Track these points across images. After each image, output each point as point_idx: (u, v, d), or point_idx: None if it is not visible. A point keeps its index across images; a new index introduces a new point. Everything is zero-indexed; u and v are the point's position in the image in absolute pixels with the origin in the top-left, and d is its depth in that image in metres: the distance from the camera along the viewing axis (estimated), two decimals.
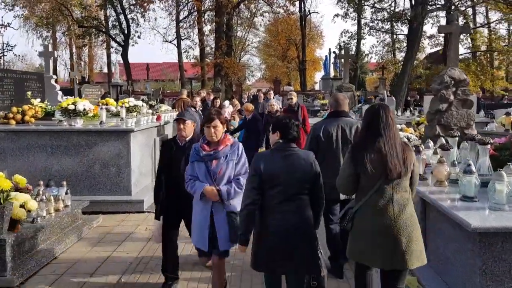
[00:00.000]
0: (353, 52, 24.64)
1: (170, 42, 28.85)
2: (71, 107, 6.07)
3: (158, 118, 7.42)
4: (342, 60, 14.84)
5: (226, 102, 8.36)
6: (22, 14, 24.09)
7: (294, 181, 2.59)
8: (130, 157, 5.81)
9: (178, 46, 26.68)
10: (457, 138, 4.42)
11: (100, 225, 5.22)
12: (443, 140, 4.95)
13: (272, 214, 2.59)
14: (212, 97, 10.51)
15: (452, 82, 5.78)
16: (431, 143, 4.82)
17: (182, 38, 26.78)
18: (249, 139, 7.18)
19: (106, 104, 9.81)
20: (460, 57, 28.62)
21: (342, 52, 16.50)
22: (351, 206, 2.64)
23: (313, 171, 2.64)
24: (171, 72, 38.56)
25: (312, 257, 2.63)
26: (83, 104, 6.16)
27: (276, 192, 2.59)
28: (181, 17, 25.61)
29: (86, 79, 20.99)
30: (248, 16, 28.41)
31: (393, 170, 2.43)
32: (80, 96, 10.57)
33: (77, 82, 17.58)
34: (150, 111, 8.96)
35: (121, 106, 7.49)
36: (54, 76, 11.31)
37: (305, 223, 2.63)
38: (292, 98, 7.35)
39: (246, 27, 37.24)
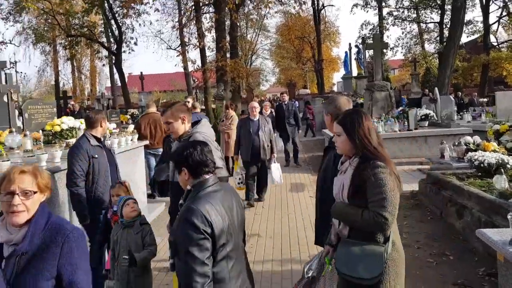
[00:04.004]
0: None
1: (175, 49, 26.66)
2: None
3: None
4: (370, 52, 11.70)
5: None
6: (12, 25, 22.15)
7: (240, 228, 2.00)
8: None
9: (183, 53, 24.36)
10: None
11: None
12: None
13: (229, 284, 1.85)
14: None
15: None
16: None
17: (187, 44, 24.47)
18: None
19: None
20: (502, 45, 24.93)
21: (369, 41, 13.34)
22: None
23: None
24: (181, 82, 36.33)
25: None
26: None
27: (229, 251, 1.85)
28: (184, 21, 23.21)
29: (67, 94, 18.31)
30: (256, 16, 25.67)
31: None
32: (22, 116, 7.87)
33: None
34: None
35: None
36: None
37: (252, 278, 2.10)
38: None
39: (256, 29, 34.55)
